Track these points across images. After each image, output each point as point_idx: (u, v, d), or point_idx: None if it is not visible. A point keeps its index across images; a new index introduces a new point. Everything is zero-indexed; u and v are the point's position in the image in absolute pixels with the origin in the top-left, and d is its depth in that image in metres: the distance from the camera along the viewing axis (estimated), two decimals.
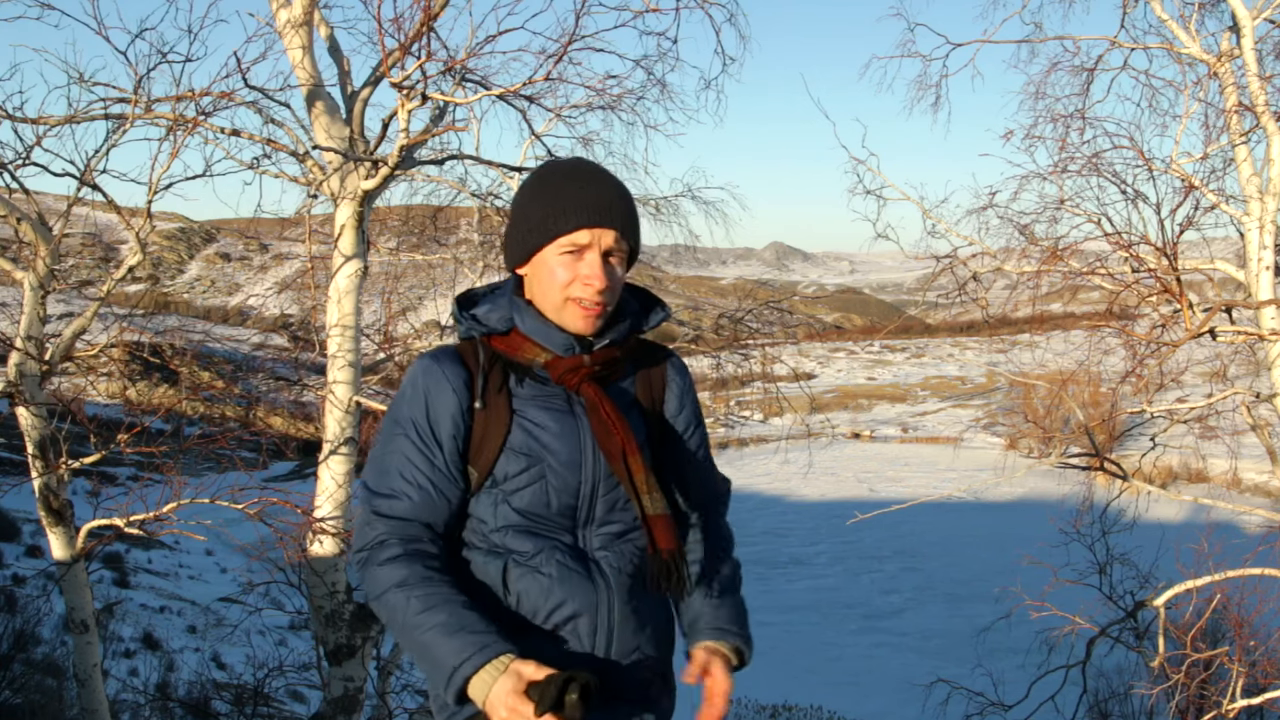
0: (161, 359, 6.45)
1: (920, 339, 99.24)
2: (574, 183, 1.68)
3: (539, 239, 1.68)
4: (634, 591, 1.70)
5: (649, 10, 5.43)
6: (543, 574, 1.64)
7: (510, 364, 1.71)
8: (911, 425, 67.87)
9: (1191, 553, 6.55)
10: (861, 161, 7.17)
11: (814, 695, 19.21)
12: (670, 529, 1.67)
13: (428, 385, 1.67)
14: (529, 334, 1.70)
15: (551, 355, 1.70)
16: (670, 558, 1.66)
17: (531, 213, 1.70)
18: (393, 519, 1.63)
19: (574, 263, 1.67)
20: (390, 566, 1.59)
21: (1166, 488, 6.17)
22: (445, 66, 4.98)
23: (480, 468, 1.67)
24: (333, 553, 5.14)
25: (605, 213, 1.66)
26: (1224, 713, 5.72)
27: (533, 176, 1.75)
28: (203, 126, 4.60)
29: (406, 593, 1.56)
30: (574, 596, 1.64)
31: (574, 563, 1.66)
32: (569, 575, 1.65)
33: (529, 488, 1.65)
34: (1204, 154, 6.62)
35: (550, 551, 1.66)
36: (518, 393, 1.70)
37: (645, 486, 1.67)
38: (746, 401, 50.27)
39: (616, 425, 1.67)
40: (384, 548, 1.61)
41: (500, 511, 1.67)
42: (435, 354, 1.71)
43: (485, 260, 8.02)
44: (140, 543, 22.28)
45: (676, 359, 1.89)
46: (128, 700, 9.82)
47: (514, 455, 1.65)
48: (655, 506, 1.67)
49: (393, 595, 1.57)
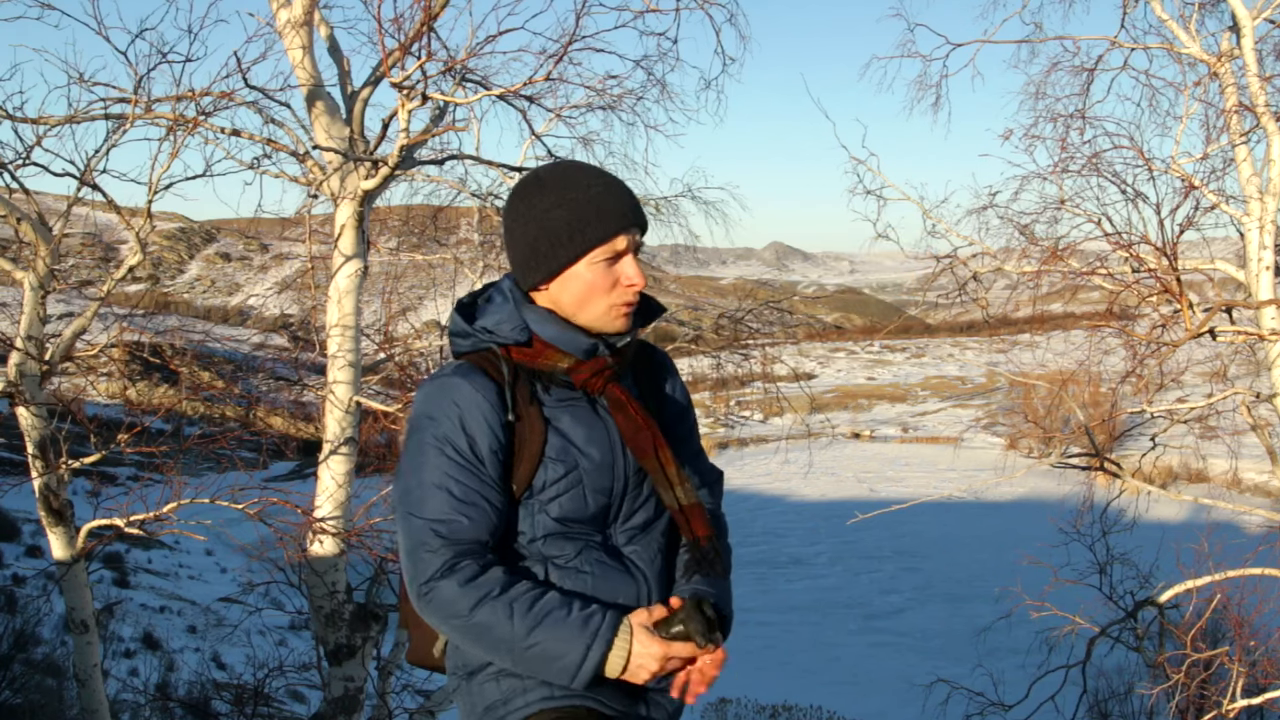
0: (161, 359, 6.45)
1: (920, 339, 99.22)
2: (593, 189, 1.66)
3: (576, 250, 1.64)
4: (664, 583, 1.73)
5: (649, 10, 5.43)
6: (584, 573, 1.65)
7: (533, 372, 1.70)
8: (911, 425, 67.84)
9: (1191, 553, 6.55)
10: (861, 161, 7.18)
11: (814, 695, 19.21)
12: (704, 516, 1.71)
13: (460, 403, 1.62)
14: (551, 341, 1.68)
15: (573, 361, 1.68)
16: (710, 543, 1.70)
17: (557, 226, 1.64)
18: (454, 542, 1.59)
19: (610, 268, 1.66)
20: (473, 585, 1.56)
21: (1166, 488, 6.17)
22: (445, 66, 4.98)
23: (520, 480, 1.65)
24: (333, 553, 5.14)
25: (634, 214, 1.67)
26: (1224, 713, 5.72)
27: (537, 187, 1.69)
28: (203, 126, 4.60)
29: (504, 602, 1.55)
30: (617, 591, 1.66)
31: (610, 559, 1.69)
32: (608, 571, 1.67)
33: (567, 494, 1.65)
34: (1204, 154, 6.61)
35: (588, 551, 1.67)
36: (546, 401, 1.69)
37: (678, 478, 1.69)
38: (746, 401, 50.28)
39: (644, 421, 1.68)
40: (456, 570, 1.57)
41: (538, 521, 1.67)
42: (459, 370, 1.67)
43: (485, 260, 8.02)
44: (140, 543, 22.28)
45: (660, 350, 1.92)
46: (128, 700, 9.82)
47: (552, 464, 1.65)
48: (689, 496, 1.69)
49: (486, 611, 1.54)
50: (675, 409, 1.87)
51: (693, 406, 1.93)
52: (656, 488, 1.70)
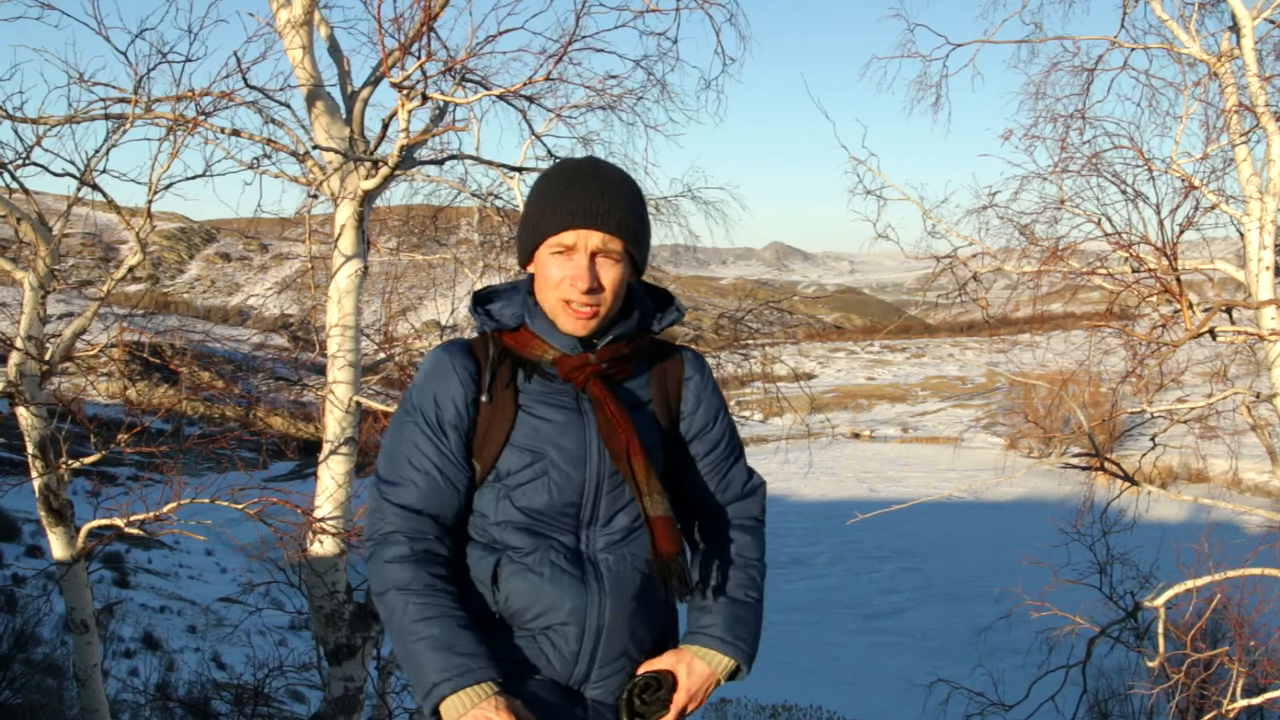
0: (161, 359, 6.45)
1: (920, 339, 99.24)
2: (567, 184, 1.68)
3: (533, 239, 1.70)
4: (635, 595, 1.69)
5: (649, 10, 5.43)
6: (534, 573, 1.63)
7: (519, 360, 1.72)
8: (911, 425, 67.86)
9: (1192, 553, 6.55)
10: (861, 161, 7.17)
11: (814, 695, 19.21)
12: (670, 531, 1.66)
13: (437, 375, 1.70)
14: (537, 331, 1.71)
15: (558, 353, 1.70)
16: (670, 559, 1.65)
17: (529, 213, 1.72)
18: (402, 508, 1.65)
19: (565, 263, 1.67)
20: (396, 566, 1.61)
21: (1167, 488, 6.16)
22: (445, 66, 4.98)
23: (484, 461, 1.68)
24: (333, 553, 5.14)
25: (591, 215, 1.65)
26: (1224, 713, 5.72)
27: (541, 176, 1.78)
28: (203, 126, 4.60)
29: (406, 597, 1.57)
30: (563, 600, 1.63)
31: (569, 565, 1.65)
32: (560, 577, 1.64)
33: (532, 483, 1.66)
34: (1204, 154, 6.61)
35: (545, 551, 1.65)
36: (525, 389, 1.71)
37: (647, 487, 1.65)
38: (747, 401, 50.22)
39: (621, 423, 1.66)
40: (392, 543, 1.63)
41: (502, 506, 1.67)
42: (447, 345, 1.74)
43: (485, 260, 8.02)
44: (140, 543, 22.28)
45: (694, 355, 1.87)
46: (128, 700, 9.82)
47: (518, 450, 1.66)
48: (656, 508, 1.65)
49: (393, 596, 1.59)
50: (698, 421, 1.82)
51: (724, 419, 1.86)
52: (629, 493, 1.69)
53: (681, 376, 1.83)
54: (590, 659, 1.66)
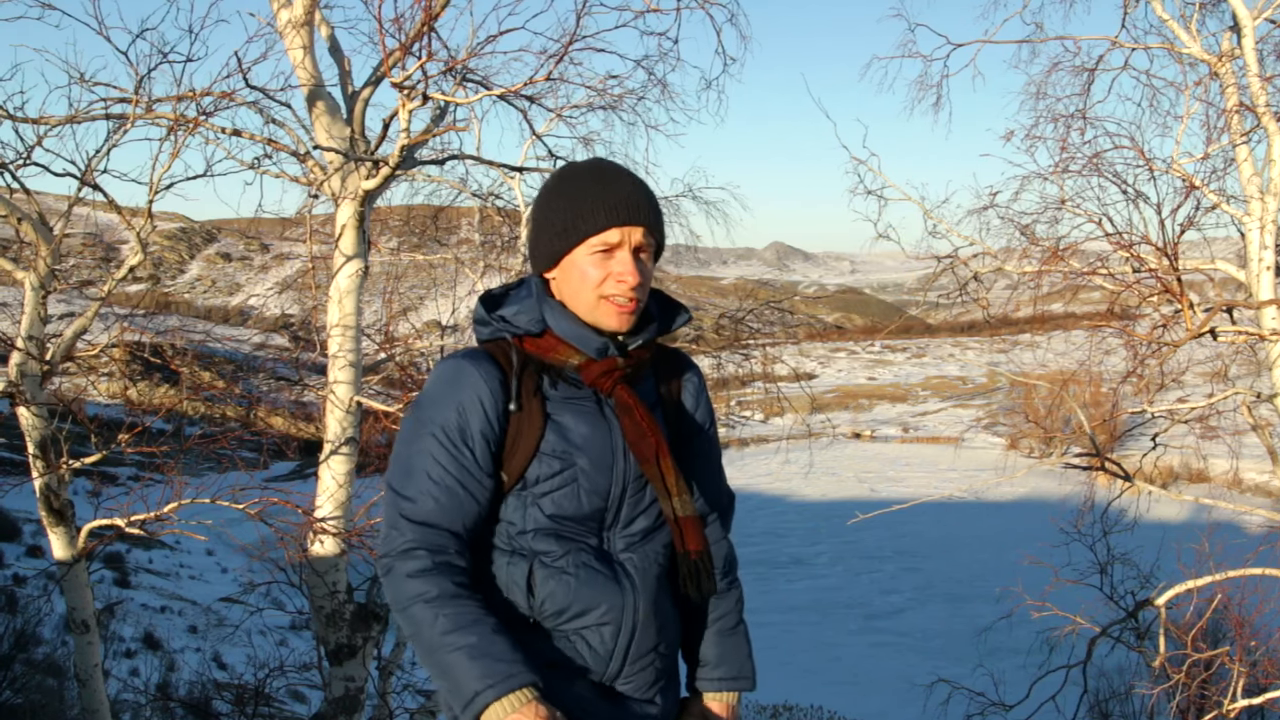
0: (162, 359, 6.45)
1: (921, 339, 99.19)
2: (598, 182, 1.68)
3: (568, 241, 1.68)
4: (657, 592, 1.72)
5: (649, 10, 5.43)
6: (568, 575, 1.64)
7: (542, 366, 1.70)
8: (912, 425, 67.84)
9: (1192, 553, 6.54)
10: (862, 161, 7.17)
11: (814, 695, 19.23)
12: (699, 530, 1.69)
13: (460, 384, 1.65)
14: (564, 336, 1.69)
15: (584, 358, 1.69)
16: (699, 558, 1.69)
17: (557, 216, 1.69)
18: (419, 524, 1.61)
19: (605, 261, 1.66)
20: (418, 580, 1.57)
21: (1167, 488, 6.16)
22: (446, 66, 4.97)
23: (512, 470, 1.66)
24: (333, 553, 5.14)
25: (633, 209, 1.67)
26: (1225, 713, 5.72)
27: (554, 179, 1.75)
28: (204, 126, 4.60)
29: (434, 609, 1.54)
30: (600, 599, 1.65)
31: (599, 564, 1.67)
32: (594, 577, 1.65)
33: (560, 490, 1.65)
34: (1205, 154, 6.61)
35: (576, 554, 1.66)
36: (550, 395, 1.69)
37: (676, 488, 1.67)
38: (747, 401, 50.27)
39: (650, 427, 1.67)
40: (411, 557, 1.59)
41: (530, 514, 1.66)
42: (468, 354, 1.69)
43: (486, 260, 8.02)
44: (141, 543, 22.29)
45: (691, 362, 1.89)
46: (129, 700, 9.83)
47: (547, 458, 1.65)
48: (685, 508, 1.68)
49: (419, 609, 1.55)
50: (695, 423, 1.85)
51: (715, 425, 1.91)
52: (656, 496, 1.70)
53: (682, 380, 1.85)
54: (624, 655, 1.68)
